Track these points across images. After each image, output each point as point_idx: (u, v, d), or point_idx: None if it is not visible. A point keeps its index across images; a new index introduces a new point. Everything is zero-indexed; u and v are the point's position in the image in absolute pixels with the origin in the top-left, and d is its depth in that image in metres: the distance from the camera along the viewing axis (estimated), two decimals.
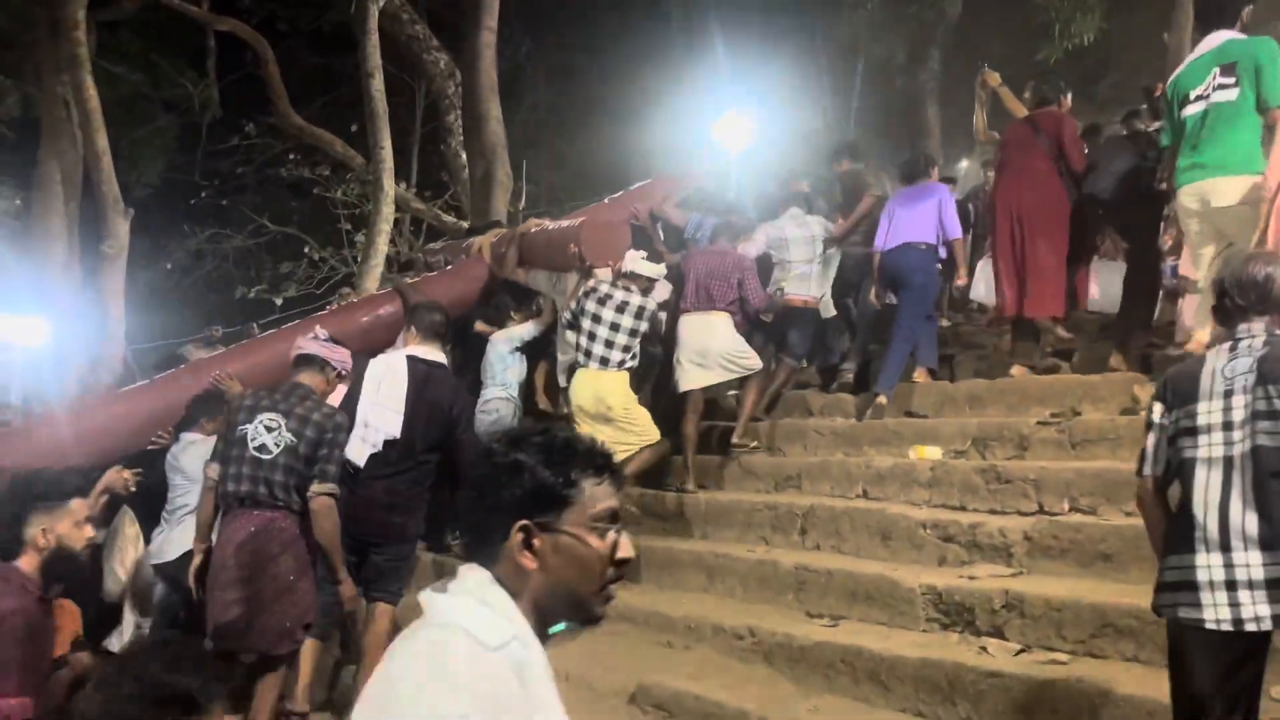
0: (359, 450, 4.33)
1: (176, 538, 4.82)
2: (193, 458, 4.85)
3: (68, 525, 2.85)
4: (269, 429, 3.92)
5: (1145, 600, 3.42)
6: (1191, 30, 10.79)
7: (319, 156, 16.33)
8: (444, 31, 14.58)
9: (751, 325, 6.34)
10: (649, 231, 7.10)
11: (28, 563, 2.77)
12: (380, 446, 4.38)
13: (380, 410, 4.40)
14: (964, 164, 15.13)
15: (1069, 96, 6.17)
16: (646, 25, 17.78)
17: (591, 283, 5.63)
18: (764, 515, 5.23)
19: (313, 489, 3.87)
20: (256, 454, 3.89)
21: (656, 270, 5.75)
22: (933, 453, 5.09)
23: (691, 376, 5.87)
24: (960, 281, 6.43)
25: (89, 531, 2.98)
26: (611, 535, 1.39)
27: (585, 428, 5.28)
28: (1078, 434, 4.75)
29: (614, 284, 5.56)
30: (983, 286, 7.15)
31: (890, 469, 5.05)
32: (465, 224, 10.40)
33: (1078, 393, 5.19)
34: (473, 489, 1.38)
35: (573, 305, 5.60)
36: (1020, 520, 4.28)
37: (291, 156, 16.70)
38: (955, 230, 6.08)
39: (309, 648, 4.25)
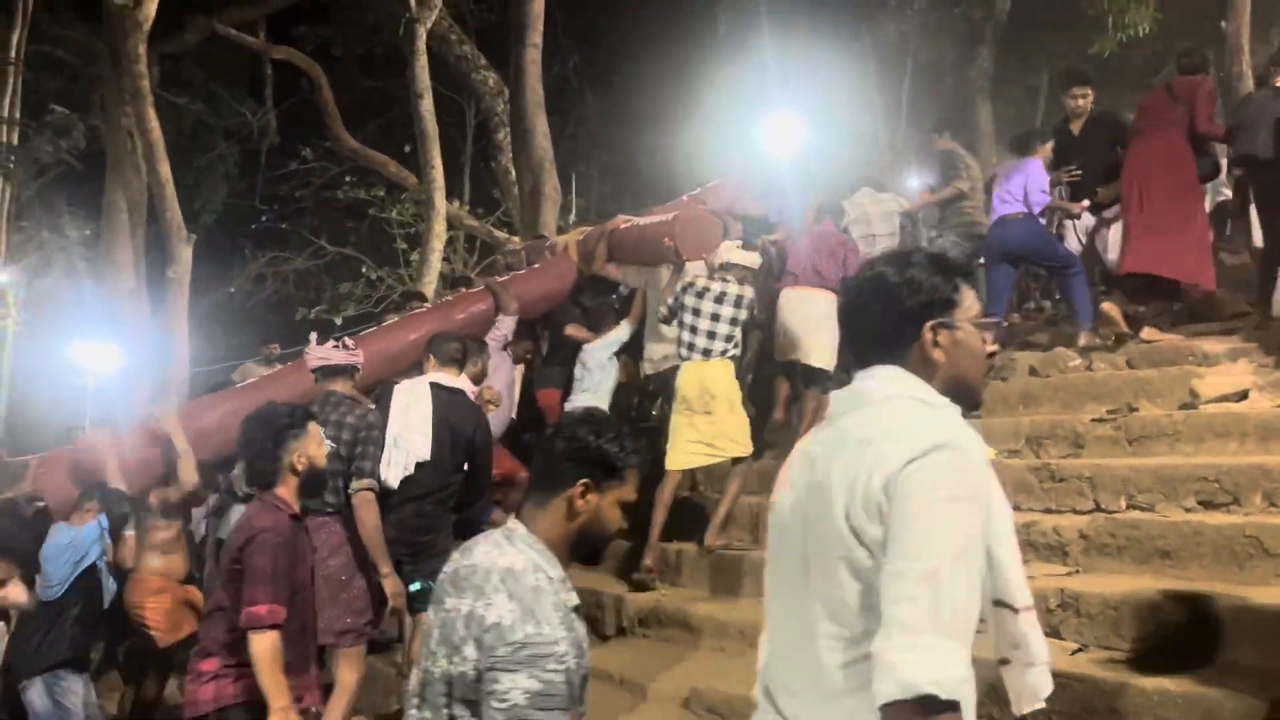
0: (393, 473, 4.42)
1: None
2: None
3: (314, 446, 3.16)
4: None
5: (1205, 596, 3.39)
6: (1249, 13, 10.56)
7: (374, 178, 16.69)
8: (492, 50, 14.84)
9: None
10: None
11: (286, 488, 3.09)
12: (412, 469, 4.46)
13: (409, 434, 4.50)
14: None
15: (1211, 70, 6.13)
16: (693, 32, 17.81)
17: (689, 277, 5.69)
18: None
19: (352, 486, 4.08)
20: None
21: (753, 259, 5.79)
22: (986, 452, 5.04)
23: (799, 347, 5.95)
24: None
25: (326, 447, 3.33)
26: (982, 331, 1.71)
27: (685, 419, 5.36)
28: (1134, 430, 4.68)
29: (711, 276, 5.63)
30: (1111, 254, 7.07)
31: None
32: (516, 239, 10.56)
33: (1134, 388, 5.11)
34: (873, 302, 1.68)
35: (670, 301, 5.65)
36: (1075, 519, 4.23)
37: (347, 179, 17.09)
38: (1039, 204, 6.11)
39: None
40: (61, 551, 4.79)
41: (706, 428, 5.31)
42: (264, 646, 2.81)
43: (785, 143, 12.44)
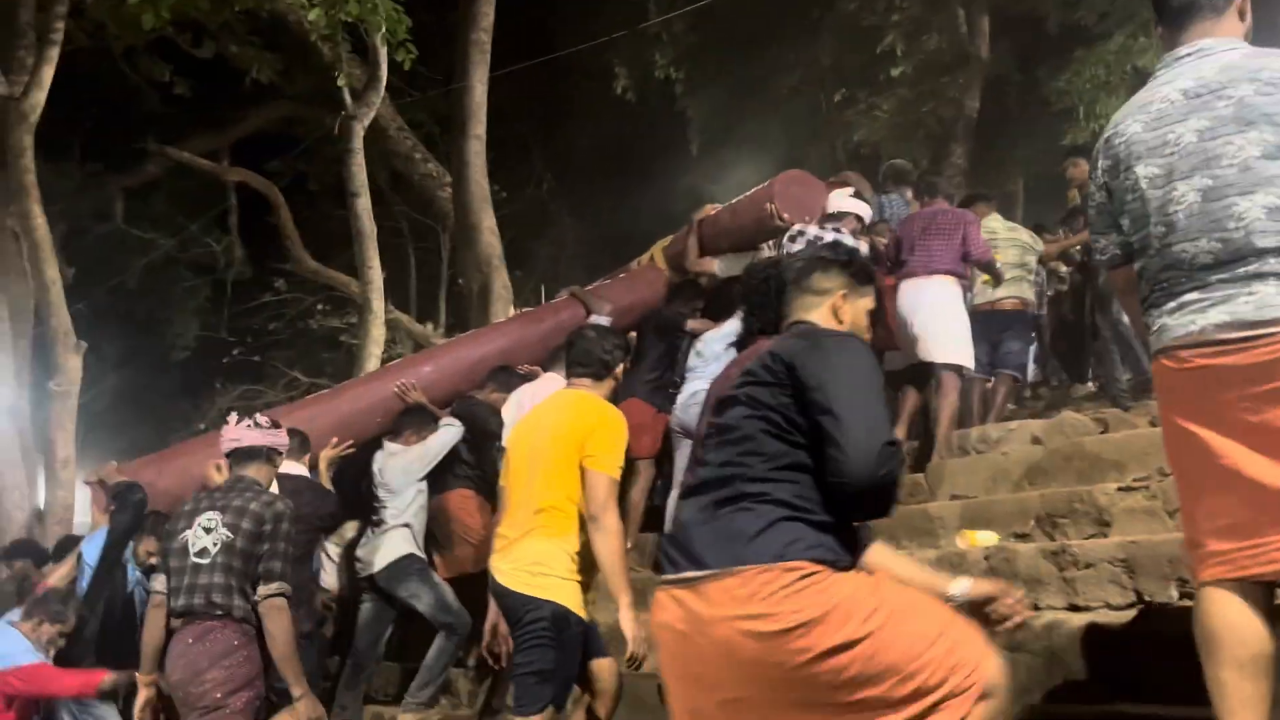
0: None
1: (382, 547, 4.85)
2: (394, 470, 4.96)
3: None
4: (206, 530, 3.48)
5: None
6: None
7: (349, 307, 15.96)
8: None
9: None
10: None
11: None
12: None
13: None
14: None
15: None
16: (666, 152, 17.39)
17: (797, 226, 4.80)
18: None
19: (259, 591, 3.43)
20: (197, 560, 3.45)
21: (866, 209, 5.11)
22: (987, 538, 3.88)
23: (918, 344, 5.20)
24: None
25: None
26: None
27: None
28: (1175, 499, 3.53)
29: (822, 225, 4.73)
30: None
31: (934, 563, 3.83)
32: None
33: (1162, 450, 3.98)
34: None
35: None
36: (1111, 615, 3.06)
37: (320, 308, 16.35)
38: None
39: None
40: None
41: None
42: None
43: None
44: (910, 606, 1.92)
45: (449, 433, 5.08)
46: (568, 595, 3.08)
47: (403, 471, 4.96)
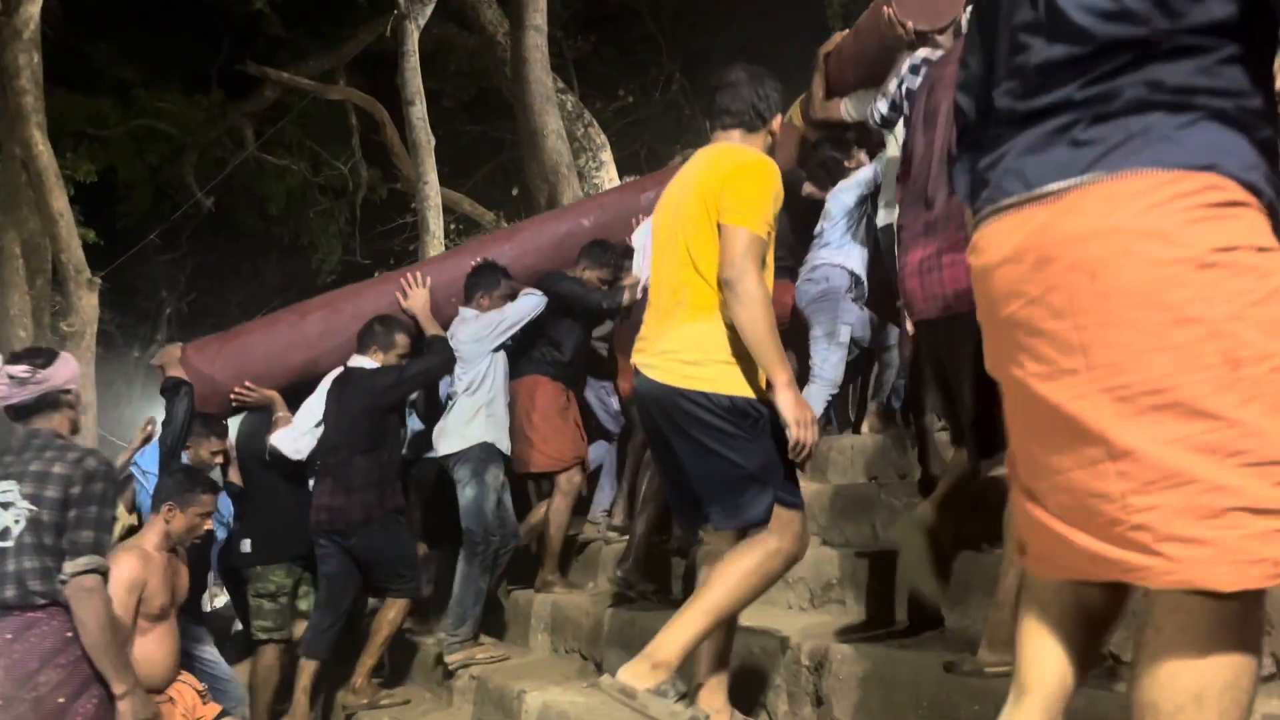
0: None
1: (452, 428, 4.38)
2: (464, 337, 4.46)
3: None
4: (4, 505, 2.85)
5: None
6: None
7: (480, 229, 15.34)
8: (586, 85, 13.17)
9: None
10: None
11: None
12: None
13: None
14: None
15: None
16: (804, 44, 15.50)
17: (915, 58, 3.47)
18: None
19: (65, 568, 2.84)
20: None
21: None
22: None
23: None
24: None
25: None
26: None
27: None
28: None
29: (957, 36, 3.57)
30: None
31: None
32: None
33: None
34: None
35: (891, 87, 3.59)
36: None
37: (453, 226, 15.77)
38: None
39: None
40: None
41: None
42: None
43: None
44: None
45: (529, 301, 4.50)
46: (734, 381, 2.51)
47: (473, 339, 4.40)
